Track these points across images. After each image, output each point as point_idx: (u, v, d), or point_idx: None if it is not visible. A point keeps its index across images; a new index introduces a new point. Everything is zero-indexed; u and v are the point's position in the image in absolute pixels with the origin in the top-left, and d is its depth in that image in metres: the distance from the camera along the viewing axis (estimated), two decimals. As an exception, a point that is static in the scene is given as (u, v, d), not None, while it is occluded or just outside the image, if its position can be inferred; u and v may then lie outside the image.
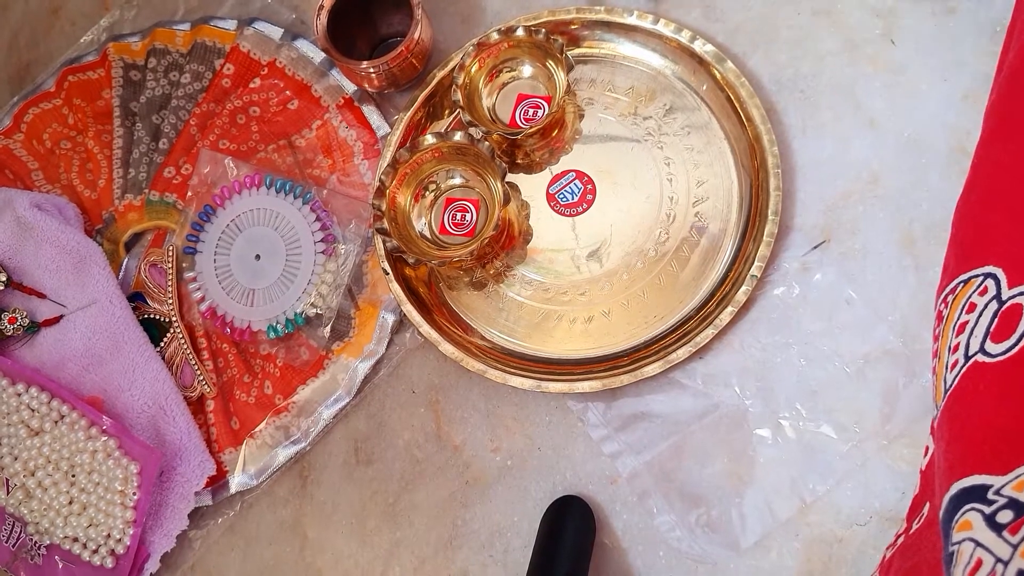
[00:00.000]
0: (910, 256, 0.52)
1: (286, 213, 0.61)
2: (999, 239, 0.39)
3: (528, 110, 0.59)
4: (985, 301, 0.38)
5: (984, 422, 0.35)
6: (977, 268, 0.39)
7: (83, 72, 0.68)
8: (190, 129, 0.65)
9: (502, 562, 0.54)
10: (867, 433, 0.50)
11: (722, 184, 0.55)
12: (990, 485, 0.32)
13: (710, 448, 0.52)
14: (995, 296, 0.37)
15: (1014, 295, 0.36)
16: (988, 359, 0.36)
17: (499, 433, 0.56)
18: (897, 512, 0.49)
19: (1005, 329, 0.36)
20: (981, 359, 0.36)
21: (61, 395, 0.57)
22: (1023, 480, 0.31)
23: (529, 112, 0.59)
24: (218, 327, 0.60)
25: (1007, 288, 0.37)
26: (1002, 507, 0.31)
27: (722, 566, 0.50)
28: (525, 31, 0.57)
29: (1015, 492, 0.31)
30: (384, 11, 0.61)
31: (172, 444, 0.58)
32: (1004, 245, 0.38)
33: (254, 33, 0.66)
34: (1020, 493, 0.31)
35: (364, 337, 0.59)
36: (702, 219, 0.55)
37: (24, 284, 0.61)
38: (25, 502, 0.57)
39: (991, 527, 0.31)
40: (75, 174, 0.66)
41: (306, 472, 0.59)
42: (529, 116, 0.59)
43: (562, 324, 0.56)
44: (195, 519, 0.59)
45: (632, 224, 0.56)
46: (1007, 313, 0.36)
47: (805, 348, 0.52)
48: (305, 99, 0.64)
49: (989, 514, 0.31)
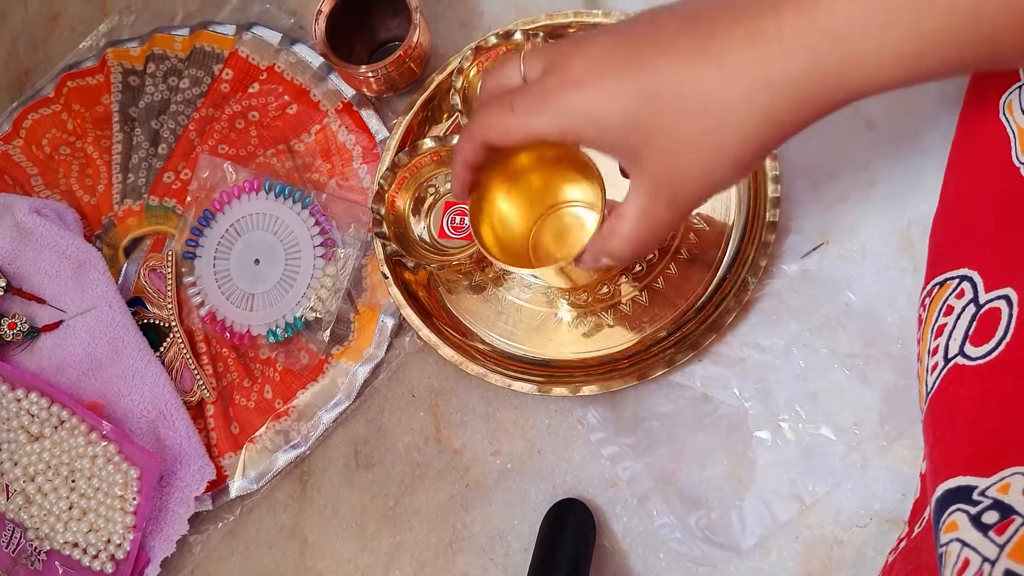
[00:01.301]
0: (908, 258, 0.52)
1: (285, 217, 0.61)
2: (973, 242, 0.39)
3: (526, 114, 0.59)
4: (962, 304, 0.38)
5: (967, 424, 0.35)
6: (952, 270, 0.39)
7: (82, 78, 0.68)
8: (189, 134, 0.65)
9: (502, 565, 0.54)
10: (867, 435, 0.50)
11: (720, 187, 0.55)
12: (975, 486, 0.33)
13: (710, 450, 0.52)
14: (972, 300, 0.37)
15: (992, 299, 0.36)
16: (968, 362, 0.36)
17: (499, 436, 0.56)
18: (897, 514, 0.49)
19: (984, 333, 0.36)
20: (961, 362, 0.36)
21: (61, 400, 0.57)
22: (1008, 483, 0.31)
23: (527, 116, 0.59)
24: (217, 331, 0.60)
25: (984, 292, 0.37)
26: (987, 508, 0.31)
27: (722, 568, 0.50)
28: (523, 35, 0.57)
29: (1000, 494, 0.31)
30: (382, 16, 0.61)
31: (172, 449, 0.58)
32: (979, 248, 0.39)
33: (253, 38, 0.66)
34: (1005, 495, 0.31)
35: (364, 341, 0.59)
36: (700, 221, 0.55)
37: (23, 289, 0.61)
38: (25, 507, 0.57)
39: (977, 527, 0.31)
40: (74, 179, 0.66)
41: (306, 476, 0.59)
42: (527, 120, 0.59)
43: (561, 327, 0.56)
44: (195, 524, 0.58)
45: (631, 227, 0.56)
46: (985, 316, 0.36)
47: (804, 350, 0.52)
48: (304, 104, 0.64)
49: (975, 515, 0.32)
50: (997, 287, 0.36)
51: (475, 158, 0.43)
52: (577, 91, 0.37)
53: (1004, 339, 0.35)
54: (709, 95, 0.35)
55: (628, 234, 0.40)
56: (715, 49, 0.35)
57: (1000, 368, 0.35)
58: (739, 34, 0.35)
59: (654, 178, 0.38)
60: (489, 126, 0.41)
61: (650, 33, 0.37)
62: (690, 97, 0.36)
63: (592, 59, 0.38)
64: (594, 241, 0.43)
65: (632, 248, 0.41)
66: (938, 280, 0.40)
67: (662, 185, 0.38)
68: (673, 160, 0.37)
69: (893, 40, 0.32)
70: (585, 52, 0.38)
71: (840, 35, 0.33)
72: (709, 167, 0.37)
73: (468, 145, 0.43)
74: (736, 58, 0.35)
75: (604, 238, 0.42)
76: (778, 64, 0.34)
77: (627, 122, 0.37)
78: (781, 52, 0.34)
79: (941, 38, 0.32)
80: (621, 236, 0.40)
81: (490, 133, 0.41)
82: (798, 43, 0.34)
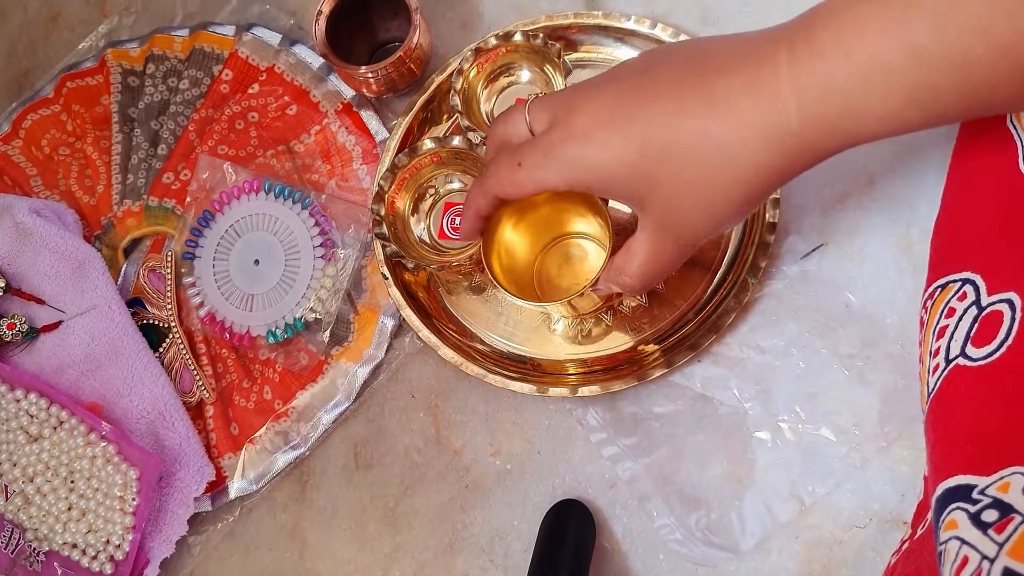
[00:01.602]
0: (907, 259, 0.52)
1: (285, 218, 0.61)
2: (976, 246, 0.39)
3: (526, 115, 0.59)
4: (964, 306, 0.38)
5: (967, 424, 0.35)
6: (955, 273, 0.40)
7: (81, 78, 0.68)
8: (189, 135, 0.65)
9: (502, 566, 0.54)
10: (866, 435, 0.50)
11: (720, 188, 0.55)
12: (974, 485, 0.33)
13: (709, 451, 0.52)
14: (974, 302, 0.38)
15: (994, 302, 0.37)
16: (969, 363, 0.37)
17: (499, 437, 0.56)
18: (897, 514, 0.49)
19: (986, 334, 0.36)
20: (962, 363, 0.37)
21: (60, 401, 0.57)
22: (1007, 482, 0.32)
23: (527, 117, 0.59)
24: (217, 332, 0.60)
25: (986, 295, 0.37)
26: (987, 506, 0.32)
27: (722, 568, 0.50)
28: (523, 36, 0.57)
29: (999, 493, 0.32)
30: (382, 17, 0.61)
31: (171, 450, 0.58)
32: (982, 252, 0.39)
33: (252, 39, 0.66)
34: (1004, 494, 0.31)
35: (363, 342, 0.59)
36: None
37: (23, 290, 0.61)
38: (24, 508, 0.57)
39: (976, 525, 0.31)
40: (74, 180, 0.66)
41: (306, 477, 0.59)
42: (527, 121, 0.59)
43: (561, 329, 0.56)
44: (194, 525, 0.58)
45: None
46: (987, 319, 0.37)
47: (804, 351, 0.52)
48: (304, 104, 0.64)
49: (974, 513, 0.32)
50: (1000, 291, 0.37)
51: (487, 209, 0.47)
52: (582, 145, 0.40)
53: (1006, 341, 0.35)
54: (711, 144, 0.37)
55: (638, 270, 0.44)
56: (716, 99, 0.37)
57: (1002, 369, 0.35)
58: (737, 86, 0.36)
59: (660, 220, 0.41)
60: (500, 183, 0.43)
61: (650, 86, 0.39)
62: (692, 146, 0.38)
63: (595, 114, 0.40)
64: (606, 274, 0.46)
65: (642, 282, 0.44)
66: (940, 282, 0.40)
67: (667, 226, 0.41)
68: (677, 203, 0.40)
69: (890, 93, 0.34)
70: (588, 106, 0.40)
71: (837, 88, 0.34)
72: (712, 210, 0.39)
73: (481, 199, 0.46)
74: (735, 109, 0.36)
75: (615, 272, 0.45)
76: (775, 115, 0.36)
77: (632, 173, 0.39)
78: (778, 103, 0.35)
79: (933, 92, 0.33)
80: (631, 272, 0.44)
81: (503, 189, 0.44)
82: (795, 95, 0.35)
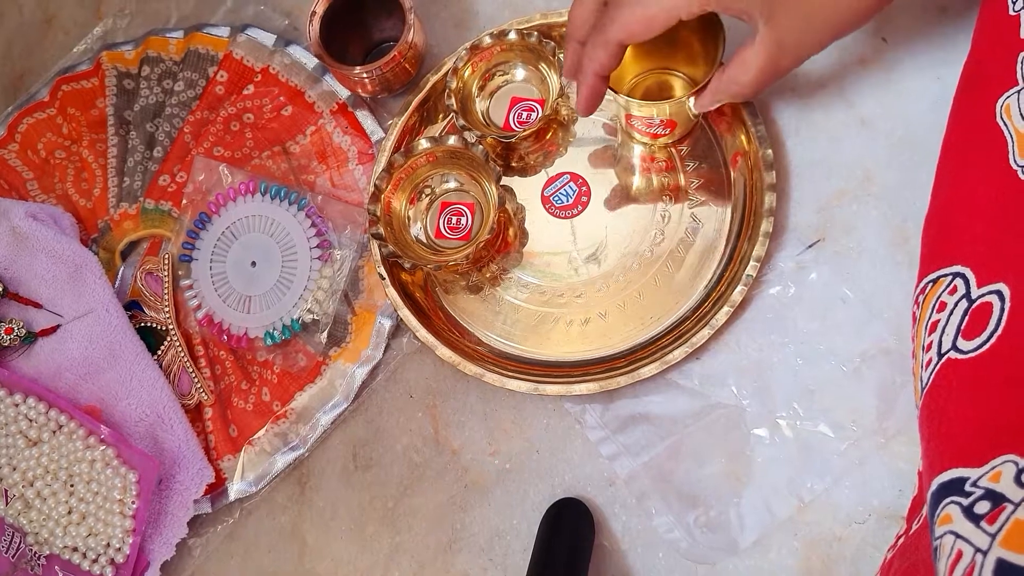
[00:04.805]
0: (904, 254, 0.52)
1: (281, 219, 0.61)
2: (966, 240, 0.40)
3: (522, 113, 0.59)
4: (955, 300, 0.38)
5: (959, 417, 0.36)
6: (945, 268, 0.40)
7: (77, 81, 0.68)
8: (184, 137, 0.65)
9: (502, 565, 0.54)
10: (864, 431, 0.50)
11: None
12: (967, 477, 0.33)
13: (708, 448, 0.52)
14: (965, 295, 0.38)
15: (984, 294, 0.37)
16: (961, 356, 0.37)
17: (497, 436, 0.56)
18: (895, 510, 0.49)
19: (976, 326, 0.36)
20: (954, 356, 0.37)
21: (59, 405, 0.57)
22: (999, 471, 0.32)
23: (523, 115, 0.59)
24: (215, 334, 0.60)
25: (976, 287, 0.38)
26: (979, 498, 0.32)
27: (721, 566, 0.50)
28: (517, 34, 0.57)
29: (991, 483, 0.32)
30: (377, 16, 0.61)
31: (170, 452, 0.58)
32: (972, 246, 0.39)
33: (247, 40, 0.66)
34: (996, 484, 0.32)
35: (361, 342, 0.59)
36: (697, 219, 0.55)
37: (20, 294, 0.61)
38: (24, 512, 0.57)
39: (969, 518, 0.32)
40: (70, 183, 0.66)
41: (305, 478, 0.59)
42: (523, 119, 0.59)
43: (559, 327, 0.56)
44: (194, 527, 0.58)
45: (627, 225, 0.56)
46: (977, 311, 0.37)
47: (801, 347, 0.52)
48: (299, 105, 0.64)
49: (967, 505, 0.32)
50: (989, 282, 0.37)
51: (611, 64, 0.46)
52: None
53: (996, 332, 0.35)
54: None
55: (753, 79, 0.46)
56: None
57: (991, 359, 0.35)
58: None
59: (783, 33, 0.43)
60: (626, 23, 0.43)
61: None
62: None
63: None
64: (716, 83, 0.48)
65: (754, 90, 0.47)
66: (931, 277, 0.41)
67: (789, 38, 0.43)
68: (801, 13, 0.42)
69: None
70: None
71: None
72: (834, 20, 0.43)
73: (602, 52, 0.45)
74: None
75: (728, 82, 0.47)
76: None
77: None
78: None
79: None
80: (744, 82, 0.46)
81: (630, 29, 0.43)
82: None
